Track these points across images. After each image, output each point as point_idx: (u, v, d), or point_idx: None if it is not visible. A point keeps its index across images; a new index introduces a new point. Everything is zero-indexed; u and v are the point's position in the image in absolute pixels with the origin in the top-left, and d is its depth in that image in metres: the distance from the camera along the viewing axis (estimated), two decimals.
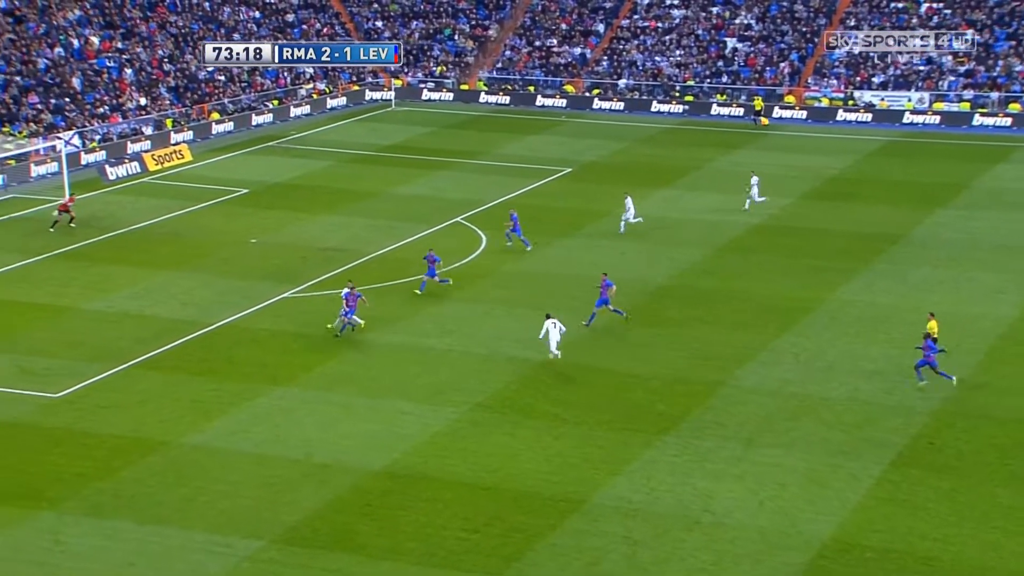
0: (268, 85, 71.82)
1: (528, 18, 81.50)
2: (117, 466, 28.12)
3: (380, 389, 32.69)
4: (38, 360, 34.15)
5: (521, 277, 42.03)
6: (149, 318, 37.75)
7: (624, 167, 59.59)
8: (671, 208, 51.65)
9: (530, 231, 47.69)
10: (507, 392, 32.62)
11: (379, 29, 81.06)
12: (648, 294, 40.58)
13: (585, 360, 34.81)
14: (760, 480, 27.97)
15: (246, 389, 32.50)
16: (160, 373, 33.47)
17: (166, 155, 59.08)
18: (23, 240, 45.99)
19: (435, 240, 45.74)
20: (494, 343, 35.98)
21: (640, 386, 33.15)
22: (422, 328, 37.14)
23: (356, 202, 51.88)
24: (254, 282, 41.16)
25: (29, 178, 54.82)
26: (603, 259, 44.26)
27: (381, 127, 68.35)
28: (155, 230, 47.55)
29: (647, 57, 76.96)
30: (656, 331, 37.13)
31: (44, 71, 62.50)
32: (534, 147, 63.59)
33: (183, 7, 73.93)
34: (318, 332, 36.59)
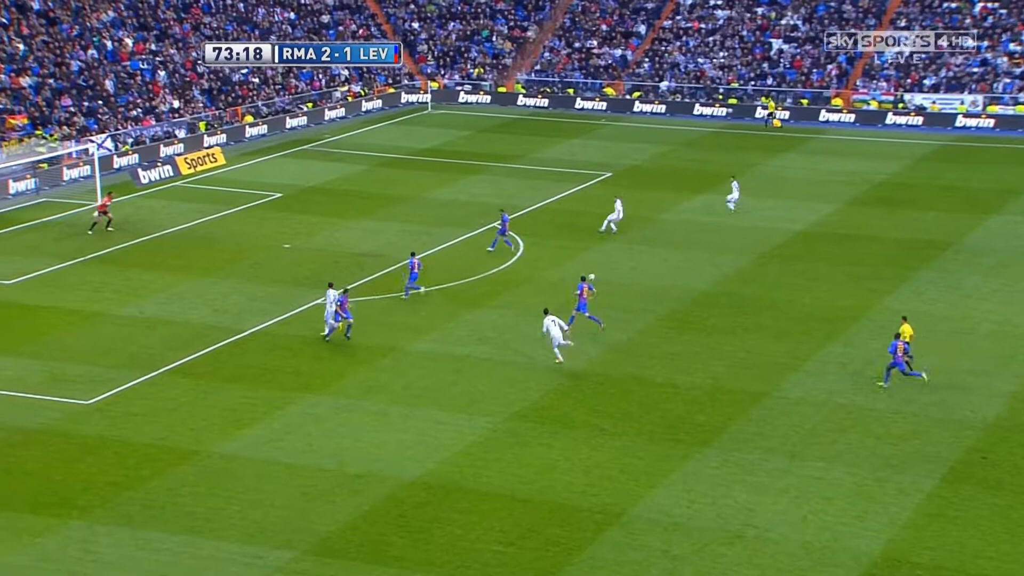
0: (302, 87, 72.29)
1: (568, 19, 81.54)
2: (148, 475, 28.36)
3: (414, 398, 32.78)
4: (69, 366, 34.52)
5: (560, 284, 42.01)
6: (181, 324, 38.06)
7: (665, 171, 59.44)
8: (713, 214, 51.47)
9: (569, 236, 47.69)
10: (544, 402, 32.60)
11: (415, 30, 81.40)
12: (689, 301, 40.43)
13: (624, 370, 34.74)
14: (805, 494, 27.79)
15: (278, 397, 32.69)
16: (192, 380, 33.73)
17: (199, 158, 59.59)
18: (55, 244, 46.53)
19: (471, 245, 45.83)
20: (532, 351, 35.96)
21: (680, 396, 33.03)
22: (457, 336, 37.20)
23: (391, 207, 52.08)
24: (287, 288, 41.41)
25: (61, 182, 55.48)
26: (643, 265, 44.19)
27: (417, 130, 68.60)
28: (187, 235, 47.97)
29: (690, 59, 76.77)
30: (697, 340, 36.99)
31: (77, 73, 63.25)
32: (573, 151, 63.58)
33: (217, 8, 74.61)
34: (352, 339, 36.74)
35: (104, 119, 60.91)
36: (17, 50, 62.36)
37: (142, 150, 60.07)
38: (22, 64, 61.61)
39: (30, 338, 36.71)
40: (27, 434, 30.40)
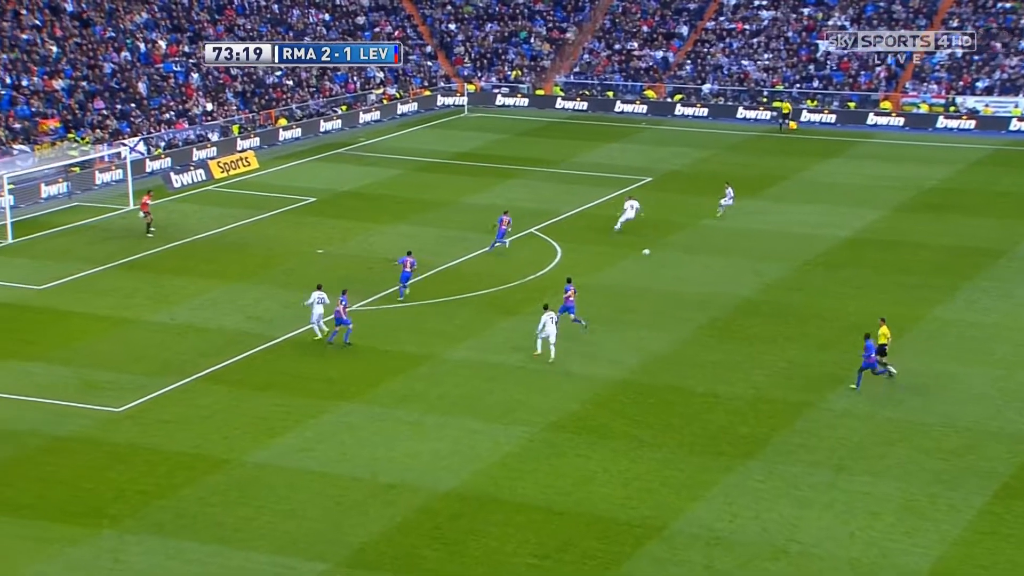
0: (337, 90, 72.69)
1: (608, 20, 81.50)
2: (179, 483, 28.56)
3: (449, 406, 32.84)
4: (101, 373, 34.84)
5: (599, 290, 41.96)
6: (213, 331, 38.33)
7: (707, 176, 59.26)
8: (757, 220, 51.26)
9: (607, 242, 47.64)
10: (582, 412, 32.57)
11: (452, 32, 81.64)
12: (731, 309, 40.27)
13: (664, 379, 34.65)
14: (851, 509, 27.58)
15: (311, 405, 32.84)
16: (224, 387, 33.96)
17: (232, 162, 60.02)
18: (87, 248, 47.01)
19: (507, 251, 45.84)
20: (570, 360, 35.92)
21: (722, 407, 32.89)
22: (493, 343, 37.23)
23: (426, 212, 52.23)
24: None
25: (94, 185, 56.04)
26: (684, 272, 44.08)
27: (453, 134, 68.76)
28: (220, 240, 48.32)
29: (733, 61, 76.50)
30: (739, 349, 36.82)
31: (110, 76, 63.91)
32: (612, 155, 63.50)
33: (251, 10, 75.16)
34: (385, 347, 36.87)
35: (137, 122, 61.50)
36: (50, 52, 63.10)
37: (175, 153, 60.60)
38: (55, 66, 62.33)
39: (61, 344, 37.10)
40: (58, 441, 30.71)
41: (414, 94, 75.46)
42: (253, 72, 70.12)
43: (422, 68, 78.20)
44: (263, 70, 70.51)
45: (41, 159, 55.16)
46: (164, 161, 59.80)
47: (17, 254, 46.39)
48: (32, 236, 48.58)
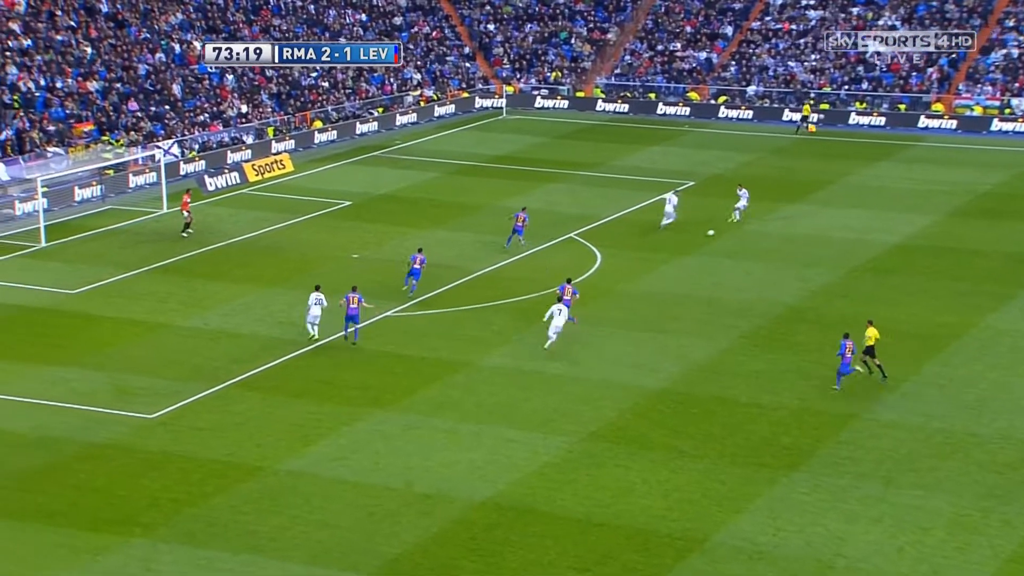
0: (373, 92, 73.03)
1: (650, 20, 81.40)
2: (212, 492, 28.78)
3: (486, 415, 32.89)
4: (134, 379, 35.18)
5: (639, 297, 41.90)
6: (247, 336, 38.60)
7: (752, 180, 59.00)
8: (803, 225, 51.02)
9: (648, 247, 47.55)
10: (622, 421, 32.53)
11: (491, 32, 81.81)
12: (775, 317, 40.09)
13: (705, 389, 34.55)
14: (900, 523, 27.38)
15: (346, 413, 33.00)
16: (258, 394, 34.19)
17: (267, 165, 60.44)
18: (120, 252, 47.47)
19: (545, 256, 45.90)
20: (609, 368, 35.91)
21: (765, 417, 32.75)
22: (531, 351, 37.26)
23: (463, 216, 52.37)
24: None
25: (127, 188, 56.58)
26: (726, 278, 43.94)
27: (491, 136, 68.89)
28: (254, 244, 48.66)
29: (779, 62, 76.19)
30: (783, 358, 36.65)
31: (144, 77, 64.54)
32: (654, 159, 63.40)
33: (287, 10, 75.69)
34: (422, 354, 37.00)
35: (171, 124, 62.06)
36: (85, 54, 63.81)
37: (209, 156, 61.10)
38: (89, 68, 63.03)
39: (95, 349, 37.49)
40: (92, 448, 31.02)
41: (451, 96, 75.67)
42: (288, 73, 70.58)
43: (460, 69, 78.43)
44: (298, 71, 70.95)
45: (75, 162, 55.76)
46: (198, 164, 60.30)
47: (50, 258, 46.93)
48: (65, 240, 49.13)
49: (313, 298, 37.52)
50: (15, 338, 38.54)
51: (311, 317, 37.55)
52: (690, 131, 70.26)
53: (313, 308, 37.41)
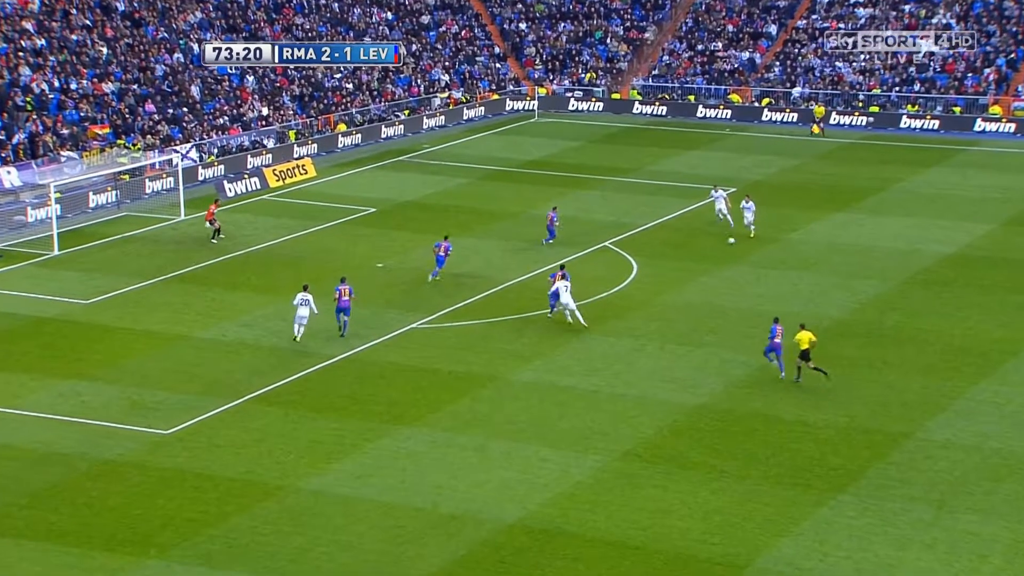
0: (399, 94, 73.29)
1: (690, 19, 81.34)
2: (230, 511, 28.87)
3: (516, 432, 32.87)
4: (149, 393, 35.36)
5: (679, 309, 41.81)
6: (266, 349, 38.75)
7: (796, 187, 58.81)
8: (850, 234, 50.80)
9: (687, 257, 47.45)
10: (659, 439, 32.45)
11: (523, 31, 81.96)
12: (822, 331, 39.88)
13: (748, 405, 34.42)
14: (955, 549, 27.15)
15: (370, 429, 33.05)
16: (278, 409, 34.30)
17: (288, 170, 60.73)
18: (136, 261, 47.78)
19: (580, 266, 45.87)
20: (646, 383, 35.84)
21: (811, 436, 32.58)
22: (564, 365, 37.23)
23: (493, 223, 52.42)
24: (379, 310, 41.91)
25: (144, 194, 56.94)
26: (771, 289, 43.77)
27: (522, 140, 68.97)
28: (274, 252, 48.88)
29: (826, 62, 75.92)
30: (831, 373, 36.46)
31: (162, 78, 65.00)
32: (694, 164, 63.29)
33: (310, 9, 76.10)
34: (449, 367, 37.03)
35: (189, 127, 62.45)
36: (100, 54, 64.33)
37: (228, 161, 61.43)
38: (105, 69, 63.52)
39: (109, 362, 37.72)
40: (105, 465, 31.18)
41: (481, 98, 75.81)
42: (311, 75, 70.92)
43: (490, 70, 78.58)
44: (321, 72, 71.31)
45: (89, 166, 56.16)
46: (217, 169, 60.64)
47: (63, 266, 47.29)
48: (79, 247, 49.49)
49: (299, 298, 38.51)
50: (26, 350, 38.83)
51: (297, 317, 38.50)
52: (731, 135, 70.08)
53: (300, 308, 38.39)
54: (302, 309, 38.44)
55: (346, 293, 39.05)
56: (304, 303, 38.47)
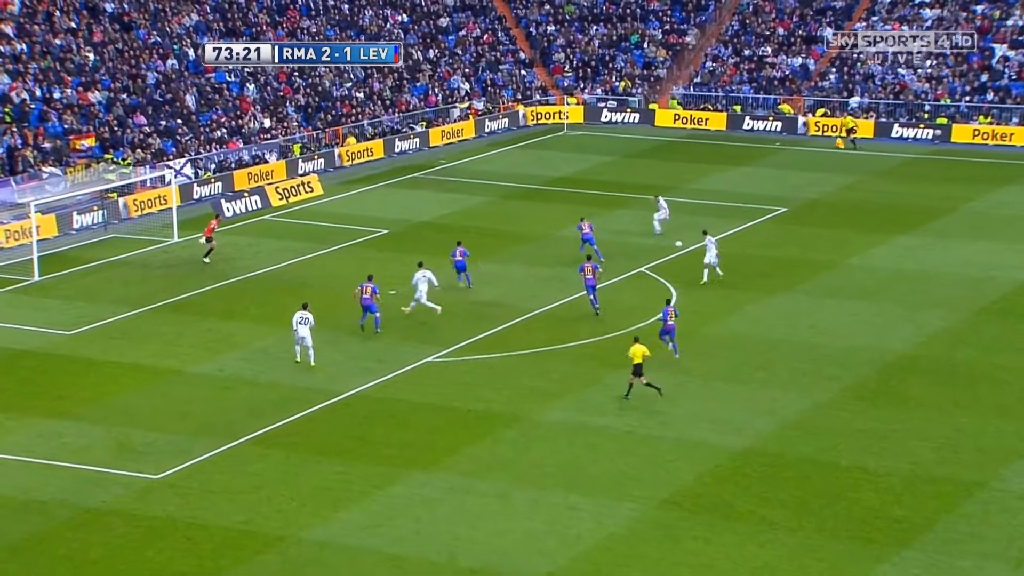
0: (415, 104, 73.61)
1: (736, 21, 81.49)
2: (226, 565, 28.85)
3: (543, 478, 32.80)
4: (138, 433, 35.44)
5: (723, 342, 41.70)
6: (267, 385, 38.81)
7: (853, 207, 58.70)
8: (916, 259, 50.62)
9: (731, 284, 47.35)
10: (701, 486, 32.33)
11: (551, 35, 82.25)
12: (884, 367, 39.71)
13: (800, 449, 34.27)
14: None
15: (380, 474, 33.03)
16: (279, 452, 34.32)
17: (292, 188, 61.01)
18: (124, 288, 47.98)
19: (614, 293, 45.83)
20: (687, 424, 35.74)
21: (872, 484, 32.40)
22: (596, 403, 37.17)
23: (517, 246, 52.47)
24: (392, 343, 41.94)
25: (133, 215, 57.20)
26: (826, 321, 43.64)
27: (550, 155, 69.08)
28: (277, 278, 49.02)
29: (888, 69, 75.86)
30: (893, 415, 36.28)
31: (154, 87, 65.47)
32: (739, 181, 63.25)
33: (317, 10, 76.59)
34: (469, 405, 37.01)
35: (184, 141, 62.85)
36: (86, 60, 64.85)
37: (226, 177, 61.77)
38: (91, 76, 64.03)
39: (93, 399, 37.84)
40: (88, 513, 31.21)
41: (504, 108, 76.08)
42: (318, 83, 71.32)
43: (514, 78, 78.87)
44: (329, 81, 71.68)
45: (74, 184, 56.53)
46: (214, 186, 60.97)
47: (45, 293, 47.55)
48: (62, 272, 49.75)
49: (298, 317, 39.65)
50: (2, 386, 38.99)
51: (298, 338, 39.60)
52: (781, 149, 70.01)
53: (300, 328, 39.49)
54: (302, 329, 39.48)
55: (368, 291, 41.82)
56: (304, 321, 39.50)
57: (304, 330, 39.48)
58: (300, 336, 39.53)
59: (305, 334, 39.50)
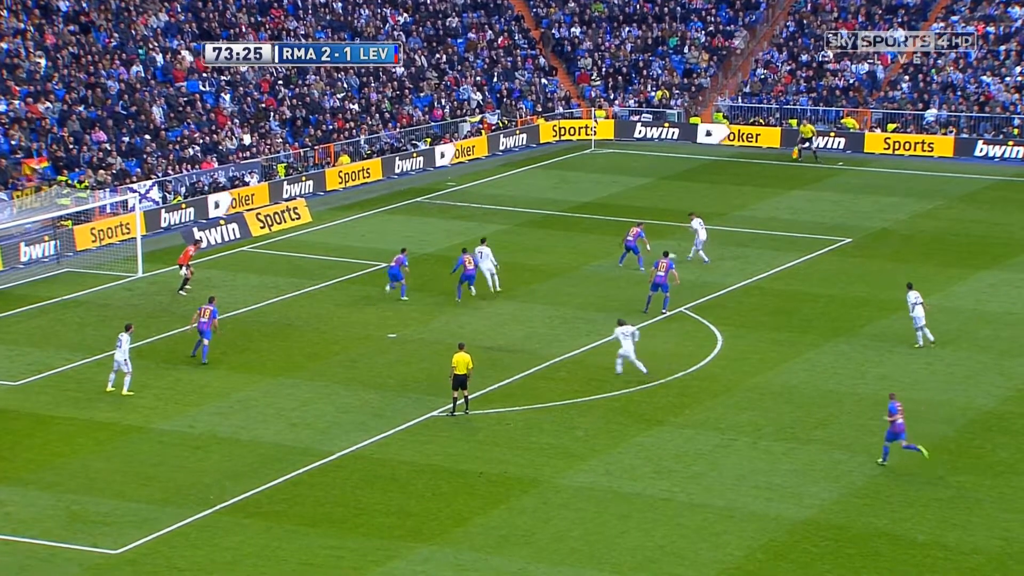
0: (419, 117, 73.89)
1: (791, 22, 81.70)
2: None
3: (566, 553, 32.72)
4: (93, 501, 35.43)
5: (776, 395, 41.63)
6: (246, 444, 38.81)
7: (930, 237, 58.66)
8: (1002, 299, 50.60)
9: (786, 326, 47.29)
10: (752, 564, 32.24)
11: (576, 38, 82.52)
12: (966, 425, 39.60)
13: (868, 521, 34.16)
14: None
15: (377, 548, 32.99)
16: (258, 522, 34.29)
17: (276, 214, 61.16)
18: (80, 331, 48.08)
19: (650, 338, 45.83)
20: (734, 490, 35.66)
21: (953, 564, 32.27)
22: (628, 465, 37.12)
23: (537, 282, 52.48)
24: (392, 395, 41.93)
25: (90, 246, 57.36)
26: (898, 371, 43.56)
27: (575, 176, 69.20)
28: (257, 319, 49.09)
29: (970, 77, 75.92)
30: (979, 480, 36.17)
31: (116, 98, 65.81)
32: (796, 207, 63.26)
33: (305, 9, 77.00)
34: (479, 467, 36.97)
35: (150, 161, 63.11)
36: (37, 66, 65.24)
37: (199, 203, 61.97)
38: (43, 85, 64.39)
39: (43, 462, 37.84)
40: None
41: (522, 123, 76.29)
42: (306, 94, 71.65)
43: (534, 87, 79.12)
44: (319, 92, 72.01)
45: (21, 210, 56.70)
46: (185, 212, 61.16)
47: None
48: (7, 313, 49.87)
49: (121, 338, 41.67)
50: None
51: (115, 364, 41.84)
52: (845, 170, 69.98)
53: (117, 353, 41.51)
54: (118, 353, 41.56)
55: (207, 314, 43.95)
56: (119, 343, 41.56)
57: (120, 354, 41.48)
58: (116, 361, 41.55)
59: (120, 358, 41.48)
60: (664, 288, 47.80)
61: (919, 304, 45.10)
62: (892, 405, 36.70)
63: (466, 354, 39.70)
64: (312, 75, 73.02)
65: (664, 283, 47.63)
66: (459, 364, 39.40)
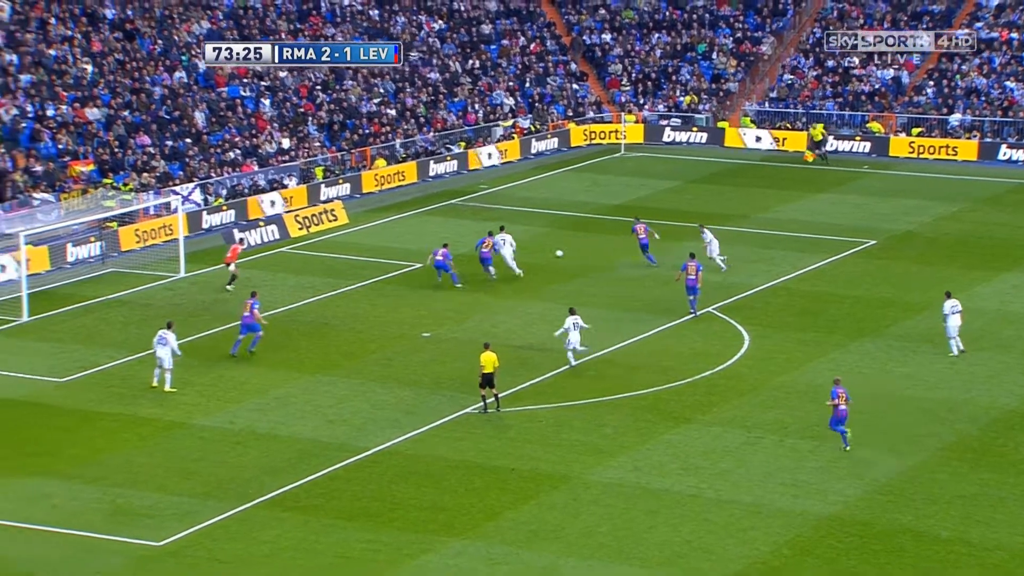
0: (453, 122, 73.90)
1: (817, 28, 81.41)
2: None
3: (595, 548, 32.68)
4: (137, 495, 35.55)
5: (802, 393, 41.50)
6: (284, 439, 38.89)
7: (954, 240, 58.37)
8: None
9: (812, 327, 47.15)
10: (778, 559, 32.12)
11: (606, 44, 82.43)
12: (989, 423, 39.41)
13: (893, 517, 34.00)
14: None
15: (411, 541, 32.99)
16: (296, 516, 34.34)
17: (314, 216, 61.26)
18: (124, 330, 48.24)
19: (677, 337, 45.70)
20: (760, 486, 35.56)
21: (977, 560, 32.11)
22: (656, 462, 37.05)
23: (567, 282, 52.42)
24: (426, 392, 41.96)
25: (135, 247, 57.52)
26: (923, 371, 43.40)
27: (605, 180, 69.11)
28: (295, 318, 49.18)
29: (995, 82, 75.53)
30: (1002, 478, 35.99)
31: (159, 103, 66.02)
32: (821, 209, 63.05)
33: (342, 17, 77.11)
34: (511, 464, 36.95)
35: (192, 164, 63.30)
36: (84, 73, 65.50)
37: (240, 204, 62.12)
38: (89, 91, 64.65)
39: (87, 457, 37.98)
40: None
41: (554, 127, 76.22)
42: (343, 99, 71.75)
43: (565, 92, 79.06)
44: (355, 97, 72.09)
45: (69, 212, 56.92)
46: (226, 214, 61.31)
47: (34, 336, 47.86)
48: (54, 312, 50.06)
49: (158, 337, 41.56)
50: None
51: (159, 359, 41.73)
52: (870, 173, 69.71)
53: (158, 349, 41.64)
54: (160, 350, 41.51)
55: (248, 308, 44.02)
56: (162, 341, 41.57)
57: (162, 351, 41.13)
58: (159, 358, 41.42)
59: (163, 355, 41.21)
60: (695, 291, 47.60)
61: (955, 313, 44.27)
62: (834, 390, 37.24)
63: (492, 353, 39.82)
64: (349, 80, 73.13)
65: (696, 286, 47.48)
66: (487, 363, 39.58)
